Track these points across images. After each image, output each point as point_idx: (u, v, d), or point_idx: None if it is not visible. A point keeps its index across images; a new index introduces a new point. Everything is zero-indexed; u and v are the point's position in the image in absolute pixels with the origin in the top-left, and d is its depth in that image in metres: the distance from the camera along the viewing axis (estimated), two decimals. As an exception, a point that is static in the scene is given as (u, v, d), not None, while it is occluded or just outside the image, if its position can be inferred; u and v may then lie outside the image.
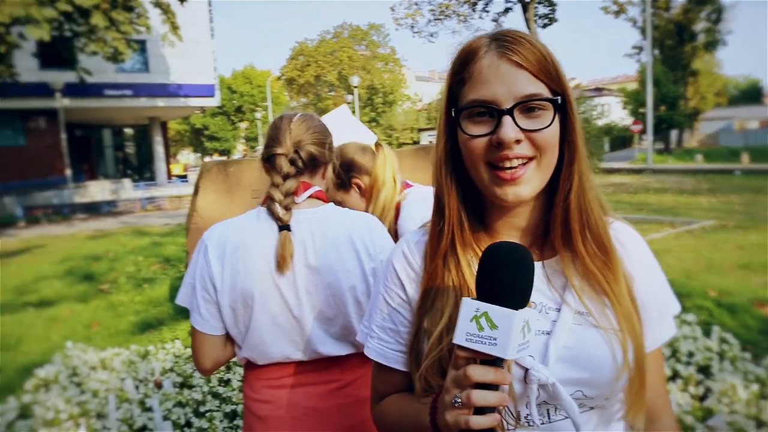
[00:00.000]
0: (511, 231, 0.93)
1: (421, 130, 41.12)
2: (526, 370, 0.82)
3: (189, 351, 4.37)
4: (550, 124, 0.84)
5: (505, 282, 0.71)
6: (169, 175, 30.64)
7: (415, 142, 40.87)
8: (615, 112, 45.27)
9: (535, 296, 0.86)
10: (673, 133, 37.41)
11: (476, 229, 0.93)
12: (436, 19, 26.87)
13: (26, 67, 20.45)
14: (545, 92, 0.85)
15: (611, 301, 0.87)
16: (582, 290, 0.87)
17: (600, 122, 30.87)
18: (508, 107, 0.82)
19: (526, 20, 23.58)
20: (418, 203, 2.05)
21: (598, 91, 48.24)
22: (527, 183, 0.84)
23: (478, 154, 0.85)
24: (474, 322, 0.70)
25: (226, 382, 3.68)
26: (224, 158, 29.37)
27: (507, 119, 0.82)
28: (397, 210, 2.10)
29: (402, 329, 0.98)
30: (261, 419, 1.50)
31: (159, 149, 29.38)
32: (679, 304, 0.99)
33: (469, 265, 0.90)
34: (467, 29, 26.21)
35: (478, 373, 0.70)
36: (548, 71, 0.85)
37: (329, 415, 1.48)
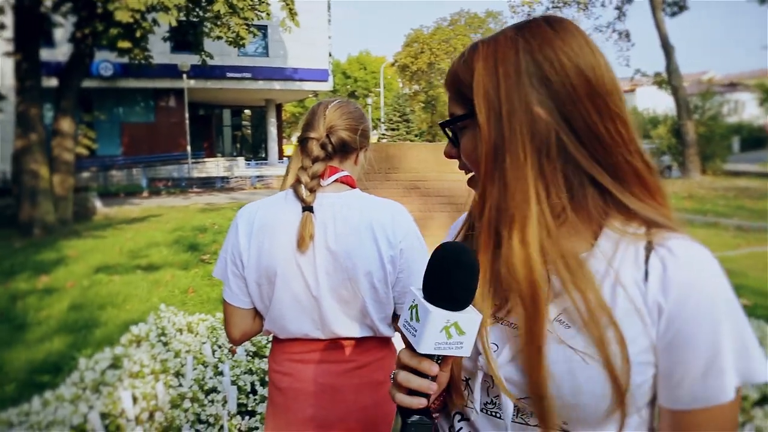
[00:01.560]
0: None
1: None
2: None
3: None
4: (455, 142, 0.88)
5: (440, 281, 0.73)
6: (281, 156, 32.07)
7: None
8: (749, 109, 41.25)
9: None
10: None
11: None
12: (554, 7, 25.85)
13: (158, 51, 22.22)
14: (461, 113, 0.85)
15: (593, 318, 0.74)
16: (564, 301, 0.77)
17: (731, 120, 28.28)
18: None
19: (653, 8, 22.03)
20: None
21: (732, 86, 44.14)
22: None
23: None
24: (410, 311, 0.75)
25: (295, 356, 3.84)
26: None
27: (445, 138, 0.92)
28: None
29: None
30: (281, 390, 1.57)
31: (273, 130, 30.85)
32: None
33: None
34: (587, 18, 25.00)
35: (404, 357, 0.75)
36: (459, 91, 0.85)
37: (343, 393, 1.53)
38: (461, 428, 0.86)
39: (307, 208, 1.47)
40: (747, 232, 10.11)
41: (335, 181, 1.53)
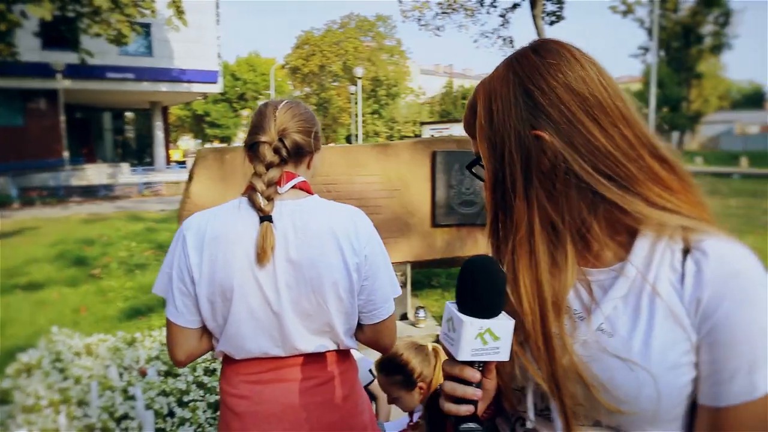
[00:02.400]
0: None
1: (423, 123, 40.93)
2: None
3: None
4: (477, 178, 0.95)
5: (467, 293, 0.77)
6: (168, 161, 30.55)
7: (417, 136, 40.79)
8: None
9: (573, 301, 0.84)
10: (675, 135, 37.30)
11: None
12: (443, 13, 26.68)
13: (27, 47, 20.31)
14: (475, 150, 0.91)
15: (647, 327, 0.76)
16: (622, 308, 0.79)
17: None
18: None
19: (534, 17, 23.39)
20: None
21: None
22: None
23: None
24: (447, 323, 0.79)
25: (212, 372, 3.61)
26: (222, 145, 29.24)
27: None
28: None
29: None
30: (238, 415, 1.44)
31: (159, 134, 29.27)
32: None
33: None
34: (474, 24, 26.07)
35: (447, 367, 0.79)
36: (473, 132, 0.90)
37: (308, 412, 1.43)
38: None
39: (266, 218, 1.36)
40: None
41: (292, 187, 1.43)
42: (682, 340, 0.75)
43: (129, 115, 32.11)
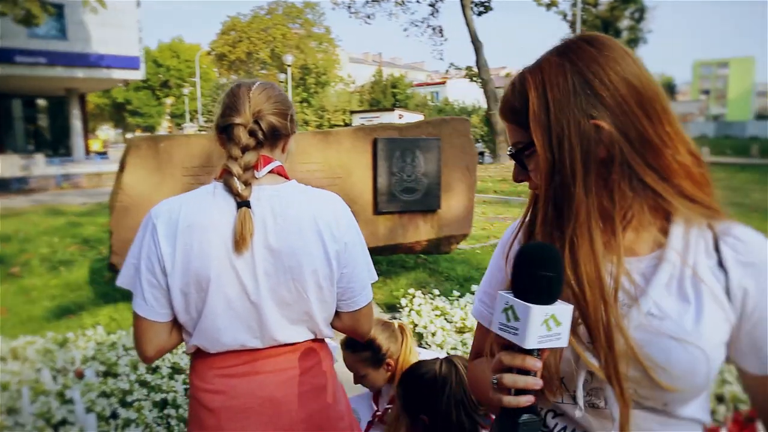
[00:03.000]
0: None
1: (353, 112, 40.73)
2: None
3: (112, 338, 4.10)
4: (524, 168, 0.94)
5: (529, 279, 0.76)
6: (87, 151, 28.96)
7: (347, 124, 40.61)
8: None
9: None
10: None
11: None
12: (373, 1, 26.62)
13: (-77, 27, 18.61)
14: (521, 138, 0.91)
15: (690, 310, 0.84)
16: (665, 292, 0.85)
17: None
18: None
19: (463, 6, 23.74)
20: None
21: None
22: None
23: None
24: (504, 313, 0.78)
25: (155, 370, 3.48)
26: (154, 134, 28.07)
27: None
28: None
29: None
30: (212, 411, 1.38)
31: (76, 123, 27.62)
32: None
33: None
34: (404, 12, 26.19)
35: (506, 359, 0.78)
36: (518, 120, 0.91)
37: (287, 404, 1.39)
38: (556, 424, 0.93)
39: (244, 203, 1.31)
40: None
41: (269, 171, 1.38)
42: (724, 320, 0.84)
43: (42, 102, 30.11)
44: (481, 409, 1.64)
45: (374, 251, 5.81)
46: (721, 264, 0.85)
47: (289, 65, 31.35)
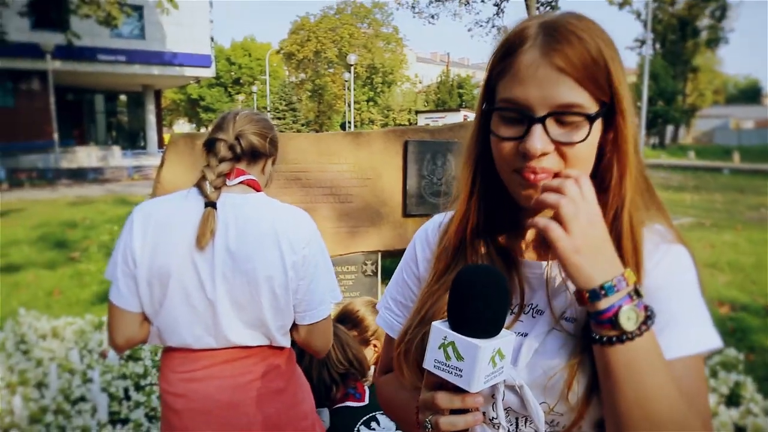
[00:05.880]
0: (534, 231, 0.88)
1: (419, 112, 40.90)
2: None
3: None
4: (585, 138, 0.77)
5: (474, 311, 0.67)
6: (161, 145, 30.38)
7: (412, 124, 40.71)
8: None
9: (529, 297, 0.86)
10: (669, 129, 37.36)
11: (492, 221, 0.90)
12: (437, 0, 26.53)
13: (15, 27, 20.14)
14: (587, 102, 0.77)
15: None
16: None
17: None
18: (541, 115, 0.76)
19: (528, 7, 23.27)
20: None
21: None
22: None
23: (505, 158, 0.81)
24: (441, 349, 0.67)
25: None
26: (192, 132, 29.08)
27: (537, 128, 0.76)
28: None
29: (410, 304, 0.99)
30: (176, 412, 1.51)
31: (151, 118, 29.10)
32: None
33: (475, 258, 0.89)
34: (468, 12, 25.92)
35: (444, 401, 0.70)
36: (595, 78, 0.77)
37: (244, 407, 1.49)
38: None
39: (210, 203, 1.43)
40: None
41: (241, 183, 1.51)
42: None
43: (122, 97, 31.89)
44: (341, 368, 1.68)
45: (403, 253, 5.85)
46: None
47: (352, 64, 31.74)
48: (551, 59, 0.76)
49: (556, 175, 0.78)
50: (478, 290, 0.68)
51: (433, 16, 26.43)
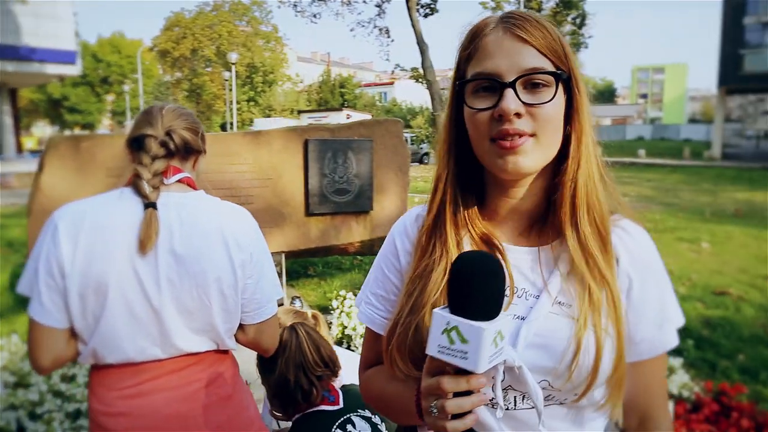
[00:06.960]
0: (511, 213, 0.95)
1: (301, 111, 40.48)
2: None
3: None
4: (552, 99, 0.85)
5: (476, 295, 0.70)
6: (20, 149, 27.67)
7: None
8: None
9: (519, 281, 0.89)
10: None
11: (473, 208, 0.95)
12: (319, 0, 26.45)
13: None
14: (550, 68, 0.86)
15: (597, 296, 0.86)
16: (569, 280, 0.88)
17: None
18: (511, 80, 0.84)
19: (408, 8, 23.89)
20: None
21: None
22: (527, 154, 0.85)
23: (482, 129, 0.87)
24: (445, 335, 0.70)
25: (71, 378, 3.36)
26: (79, 132, 27.03)
27: (508, 92, 0.84)
28: None
29: (392, 298, 1.00)
30: None
31: (7, 120, 26.36)
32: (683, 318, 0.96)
33: (457, 246, 0.92)
34: (350, 12, 26.10)
35: (450, 385, 0.72)
36: (554, 48, 0.87)
37: (194, 418, 1.39)
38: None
39: (150, 204, 1.32)
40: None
41: (179, 181, 1.42)
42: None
43: (-31, 97, 28.59)
44: (318, 370, 1.67)
45: (306, 253, 5.78)
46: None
47: (233, 63, 30.83)
48: (514, 32, 0.86)
49: (531, 135, 0.85)
50: (477, 275, 0.71)
51: (315, 15, 26.32)
